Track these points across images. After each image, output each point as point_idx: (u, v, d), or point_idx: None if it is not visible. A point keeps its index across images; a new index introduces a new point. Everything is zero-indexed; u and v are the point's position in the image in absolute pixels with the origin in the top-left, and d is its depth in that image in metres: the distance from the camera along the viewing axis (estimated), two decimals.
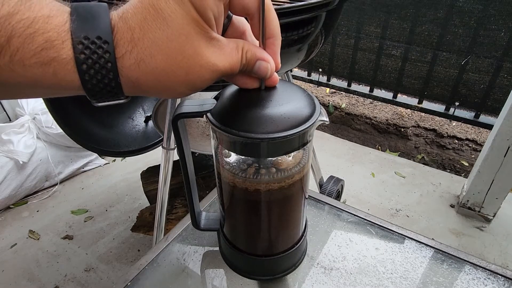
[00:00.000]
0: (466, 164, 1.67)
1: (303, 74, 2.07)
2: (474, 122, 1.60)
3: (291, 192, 0.35)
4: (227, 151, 0.34)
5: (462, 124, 1.74)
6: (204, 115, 0.32)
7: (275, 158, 0.34)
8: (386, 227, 0.50)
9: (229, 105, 0.31)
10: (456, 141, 1.75)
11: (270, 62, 0.28)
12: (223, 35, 0.28)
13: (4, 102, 1.58)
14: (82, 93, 0.24)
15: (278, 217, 0.38)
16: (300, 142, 0.31)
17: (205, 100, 0.32)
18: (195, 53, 0.24)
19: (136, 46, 0.22)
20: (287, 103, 0.30)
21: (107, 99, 0.24)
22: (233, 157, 0.35)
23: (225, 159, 0.35)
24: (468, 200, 1.30)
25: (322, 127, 1.94)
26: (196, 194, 0.42)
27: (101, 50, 0.22)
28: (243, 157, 0.34)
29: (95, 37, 0.21)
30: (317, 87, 2.16)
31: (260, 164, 0.34)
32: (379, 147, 1.85)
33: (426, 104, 1.70)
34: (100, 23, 0.22)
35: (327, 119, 0.31)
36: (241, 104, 0.30)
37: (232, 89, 0.32)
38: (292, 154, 0.34)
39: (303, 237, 0.41)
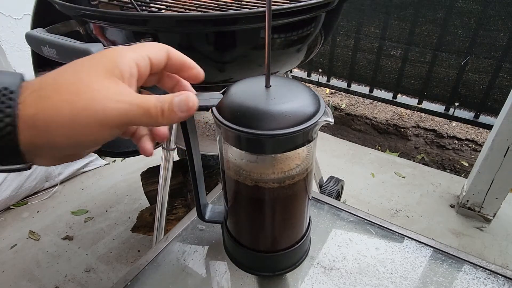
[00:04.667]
0: (466, 164, 1.67)
1: (303, 74, 2.08)
2: (474, 122, 1.60)
3: (295, 191, 0.35)
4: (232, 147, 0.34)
5: (462, 124, 1.74)
6: (210, 109, 0.32)
7: (279, 155, 0.34)
8: (386, 227, 0.50)
9: (235, 100, 0.31)
10: (456, 141, 1.75)
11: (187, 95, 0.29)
12: (160, 84, 0.33)
13: None
14: None
15: (281, 215, 0.38)
16: (305, 139, 0.31)
17: (212, 94, 0.33)
18: (96, 87, 0.24)
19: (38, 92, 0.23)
20: (292, 100, 0.30)
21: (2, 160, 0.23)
22: (237, 154, 0.35)
23: (229, 155, 0.35)
24: (468, 200, 1.30)
25: (322, 127, 1.94)
26: (202, 185, 0.42)
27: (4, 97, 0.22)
28: (247, 153, 0.34)
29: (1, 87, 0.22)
30: (317, 87, 2.16)
31: (264, 163, 0.34)
32: (379, 148, 1.85)
33: (426, 105, 1.70)
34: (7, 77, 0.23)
35: (332, 120, 0.31)
36: (247, 100, 0.31)
37: (238, 85, 0.33)
38: (297, 151, 0.34)
39: (306, 235, 0.41)
